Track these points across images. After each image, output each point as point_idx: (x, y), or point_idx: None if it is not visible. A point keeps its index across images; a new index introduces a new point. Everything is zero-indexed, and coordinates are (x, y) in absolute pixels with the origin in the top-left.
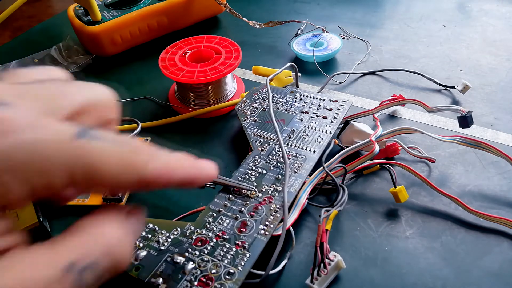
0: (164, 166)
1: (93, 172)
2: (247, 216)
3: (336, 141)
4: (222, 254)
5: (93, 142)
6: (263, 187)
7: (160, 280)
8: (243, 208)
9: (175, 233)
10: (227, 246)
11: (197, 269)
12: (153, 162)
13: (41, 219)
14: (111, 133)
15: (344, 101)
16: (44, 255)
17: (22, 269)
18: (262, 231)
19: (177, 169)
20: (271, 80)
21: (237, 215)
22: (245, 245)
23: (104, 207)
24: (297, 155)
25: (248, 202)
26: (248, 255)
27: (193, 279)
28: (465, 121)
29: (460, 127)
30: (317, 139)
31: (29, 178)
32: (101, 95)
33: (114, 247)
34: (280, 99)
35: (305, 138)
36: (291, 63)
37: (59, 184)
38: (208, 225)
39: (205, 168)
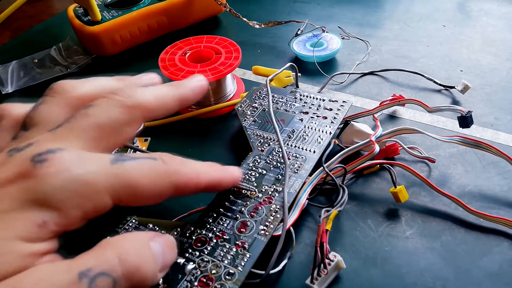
0: (193, 171)
1: (133, 187)
2: (247, 216)
3: (336, 141)
4: (222, 254)
5: (126, 163)
6: (263, 187)
7: (160, 280)
8: (243, 209)
9: (175, 233)
10: (227, 246)
11: (197, 270)
12: (183, 168)
13: None
14: (141, 154)
15: (344, 101)
16: (64, 263)
17: (43, 273)
18: (262, 232)
19: (204, 173)
20: (271, 80)
21: (237, 216)
22: (245, 245)
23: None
24: (297, 155)
25: (248, 203)
26: (248, 255)
27: (193, 280)
28: (465, 121)
29: (460, 127)
30: (317, 139)
31: (80, 204)
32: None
33: (129, 257)
34: (280, 99)
35: (305, 138)
36: (291, 63)
37: (105, 205)
38: (208, 226)
39: (230, 171)
